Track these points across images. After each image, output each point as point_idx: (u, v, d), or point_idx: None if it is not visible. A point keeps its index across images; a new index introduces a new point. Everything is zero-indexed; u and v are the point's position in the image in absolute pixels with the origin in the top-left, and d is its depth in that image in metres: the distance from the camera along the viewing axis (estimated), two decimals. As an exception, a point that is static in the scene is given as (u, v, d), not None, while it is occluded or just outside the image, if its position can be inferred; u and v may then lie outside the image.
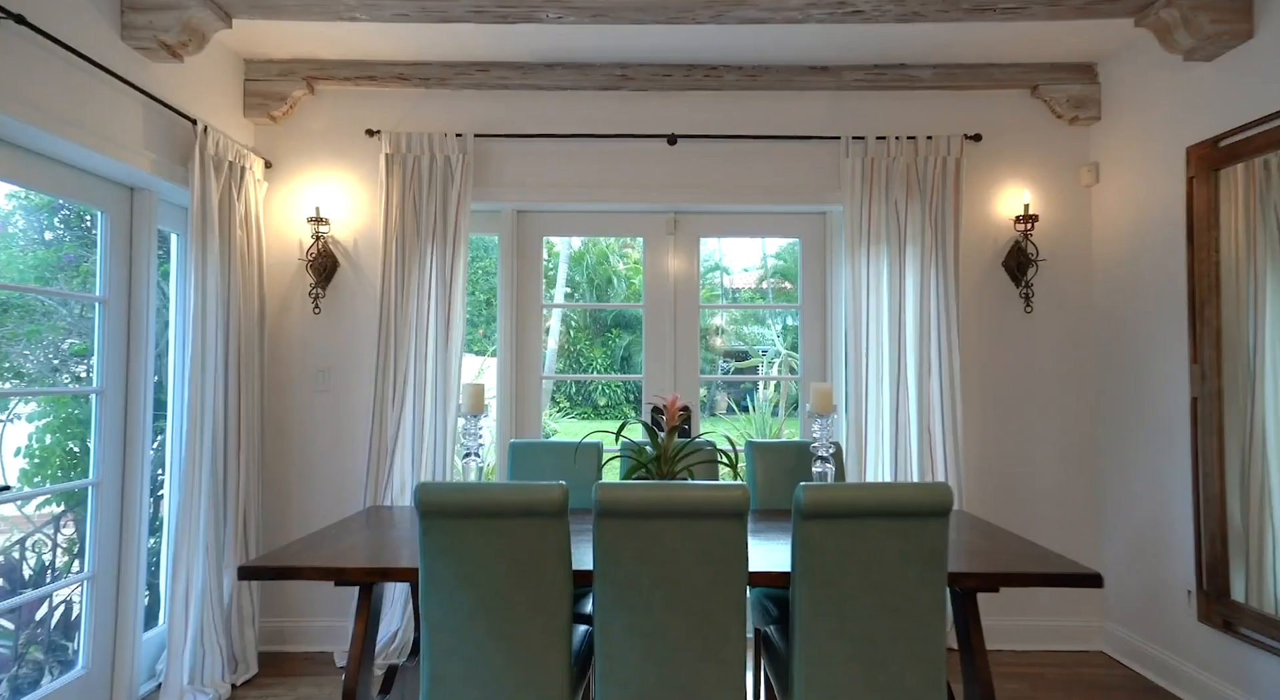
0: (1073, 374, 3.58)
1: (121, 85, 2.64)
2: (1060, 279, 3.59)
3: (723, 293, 10.01)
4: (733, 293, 10.17)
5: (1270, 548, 2.62)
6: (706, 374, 8.32)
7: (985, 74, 3.55)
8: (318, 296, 3.55)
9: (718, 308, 9.46)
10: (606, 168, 3.64)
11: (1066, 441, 3.57)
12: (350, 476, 3.54)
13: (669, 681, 1.89)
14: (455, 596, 1.91)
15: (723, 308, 9.94)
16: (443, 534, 1.90)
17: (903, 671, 1.89)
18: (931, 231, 3.48)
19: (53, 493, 2.76)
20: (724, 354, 10.32)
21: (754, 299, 9.94)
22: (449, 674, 1.92)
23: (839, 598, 1.88)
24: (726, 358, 10.32)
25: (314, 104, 3.61)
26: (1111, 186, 3.45)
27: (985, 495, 3.55)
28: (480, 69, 3.53)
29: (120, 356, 2.89)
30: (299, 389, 3.57)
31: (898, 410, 3.45)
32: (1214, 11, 2.69)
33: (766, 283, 10.04)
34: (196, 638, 2.93)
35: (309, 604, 3.50)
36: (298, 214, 3.56)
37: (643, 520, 1.87)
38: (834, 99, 3.64)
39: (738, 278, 10.36)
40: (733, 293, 10.17)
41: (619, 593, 1.89)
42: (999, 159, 3.62)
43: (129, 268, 2.94)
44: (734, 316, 9.92)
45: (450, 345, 3.46)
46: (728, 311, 9.94)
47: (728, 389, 10.24)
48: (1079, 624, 3.52)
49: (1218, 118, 2.81)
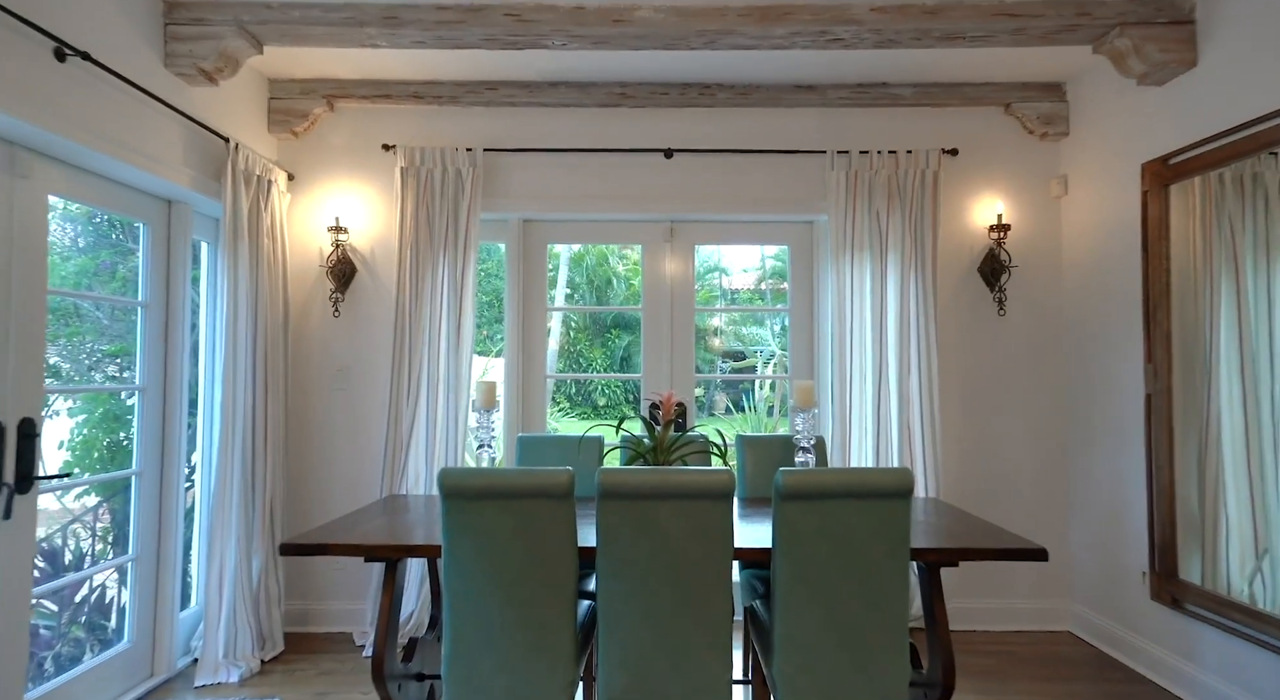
0: (1043, 373, 3.83)
1: (165, 108, 2.89)
2: (1031, 284, 3.84)
3: (721, 293, 10.23)
4: (732, 294, 10.38)
5: (1223, 534, 2.85)
6: (702, 374, 8.56)
7: (961, 92, 3.80)
8: (337, 301, 3.80)
9: (713, 310, 9.70)
10: (607, 179, 3.88)
11: (1037, 435, 3.82)
12: (366, 468, 3.78)
13: (663, 643, 2.14)
14: (474, 569, 2.16)
15: (717, 310, 10.18)
16: (463, 514, 2.15)
17: (870, 635, 2.14)
18: (911, 239, 3.73)
19: (104, 481, 3.00)
20: (723, 354, 10.56)
21: (753, 299, 10.17)
22: (469, 638, 2.17)
23: (814, 569, 2.13)
24: (725, 358, 10.55)
25: (333, 120, 3.85)
26: (1078, 198, 3.71)
27: (961, 486, 3.80)
28: (489, 88, 3.77)
29: (159, 357, 3.14)
30: (319, 387, 3.81)
31: (879, 407, 3.70)
32: (1162, 41, 2.94)
33: (765, 284, 10.26)
34: (230, 616, 3.18)
35: (329, 588, 3.75)
36: (319, 223, 3.81)
37: (640, 501, 2.12)
38: (820, 115, 3.89)
39: (737, 278, 10.59)
40: (732, 294, 10.38)
41: (619, 565, 2.14)
42: (974, 172, 3.87)
43: (167, 274, 3.19)
44: (733, 317, 10.16)
45: (461, 346, 3.71)
46: (727, 312, 10.17)
47: (726, 389, 10.47)
48: (1048, 606, 3.77)
49: (1168, 138, 3.06)
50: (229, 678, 3.08)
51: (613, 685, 2.17)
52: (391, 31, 3.04)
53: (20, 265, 2.41)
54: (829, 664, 2.15)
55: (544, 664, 2.17)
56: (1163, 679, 3.09)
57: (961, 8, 2.99)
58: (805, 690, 2.16)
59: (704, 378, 8.96)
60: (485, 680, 2.16)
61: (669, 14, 3.01)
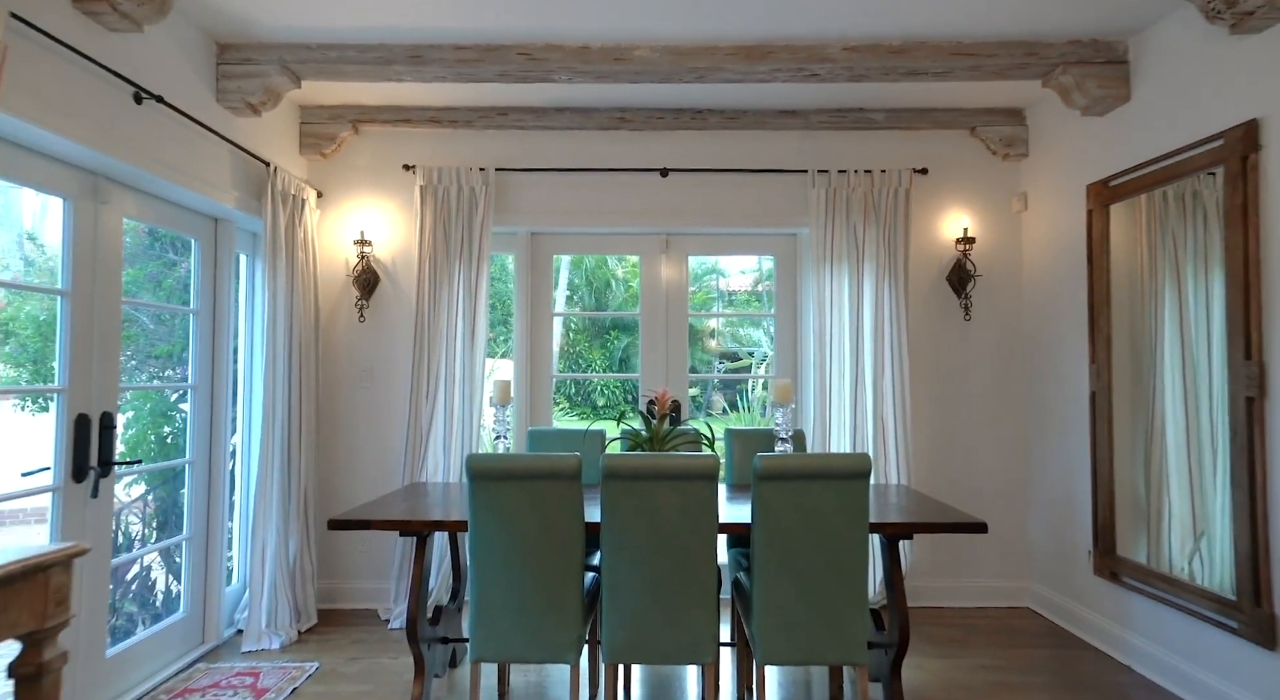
0: (1005, 372, 4.21)
1: (216, 138, 3.26)
2: (995, 292, 4.22)
3: (719, 295, 10.58)
4: (729, 295, 10.73)
5: (1166, 518, 3.19)
6: (697, 374, 8.92)
7: (931, 117, 4.17)
8: (362, 307, 4.17)
9: (705, 315, 10.07)
10: (608, 196, 4.26)
11: (1000, 429, 4.20)
12: (389, 459, 4.15)
13: (657, 603, 2.51)
14: (496, 540, 2.53)
15: (709, 315, 10.55)
16: (487, 492, 2.52)
17: (834, 596, 2.51)
18: (885, 251, 4.10)
19: (164, 468, 3.37)
20: (720, 355, 10.92)
21: (749, 301, 10.51)
22: (492, 599, 2.54)
23: (786, 540, 2.50)
24: (722, 359, 10.92)
25: (358, 143, 4.23)
26: (1037, 214, 4.08)
27: (932, 475, 4.18)
28: (500, 113, 4.14)
29: (208, 358, 3.51)
30: (346, 386, 4.18)
31: (856, 403, 4.07)
32: (1099, 78, 3.32)
33: (761, 286, 10.60)
34: (271, 591, 3.54)
35: (356, 569, 4.12)
36: (345, 236, 4.18)
37: (638, 482, 2.49)
38: (802, 137, 4.27)
39: (734, 280, 10.94)
40: (729, 295, 10.73)
41: (620, 537, 2.51)
42: (943, 189, 4.25)
43: (214, 284, 3.56)
44: (730, 319, 10.52)
45: (475, 348, 4.07)
46: (721, 315, 10.53)
47: (724, 389, 10.84)
48: (1010, 585, 4.14)
49: (1108, 162, 3.44)
50: (271, 645, 3.45)
51: (615, 640, 2.54)
52: (416, 68, 3.41)
53: (101, 279, 2.78)
54: (799, 621, 2.52)
55: (555, 621, 2.54)
56: (1103, 644, 3.47)
57: (924, 48, 3.36)
58: (779, 645, 2.53)
59: (698, 377, 9.31)
60: (505, 635, 2.53)
61: (664, 53, 3.38)
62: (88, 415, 2.69)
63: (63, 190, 2.62)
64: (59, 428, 2.61)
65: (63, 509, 2.58)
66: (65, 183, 2.63)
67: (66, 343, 2.64)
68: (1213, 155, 2.81)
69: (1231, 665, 2.75)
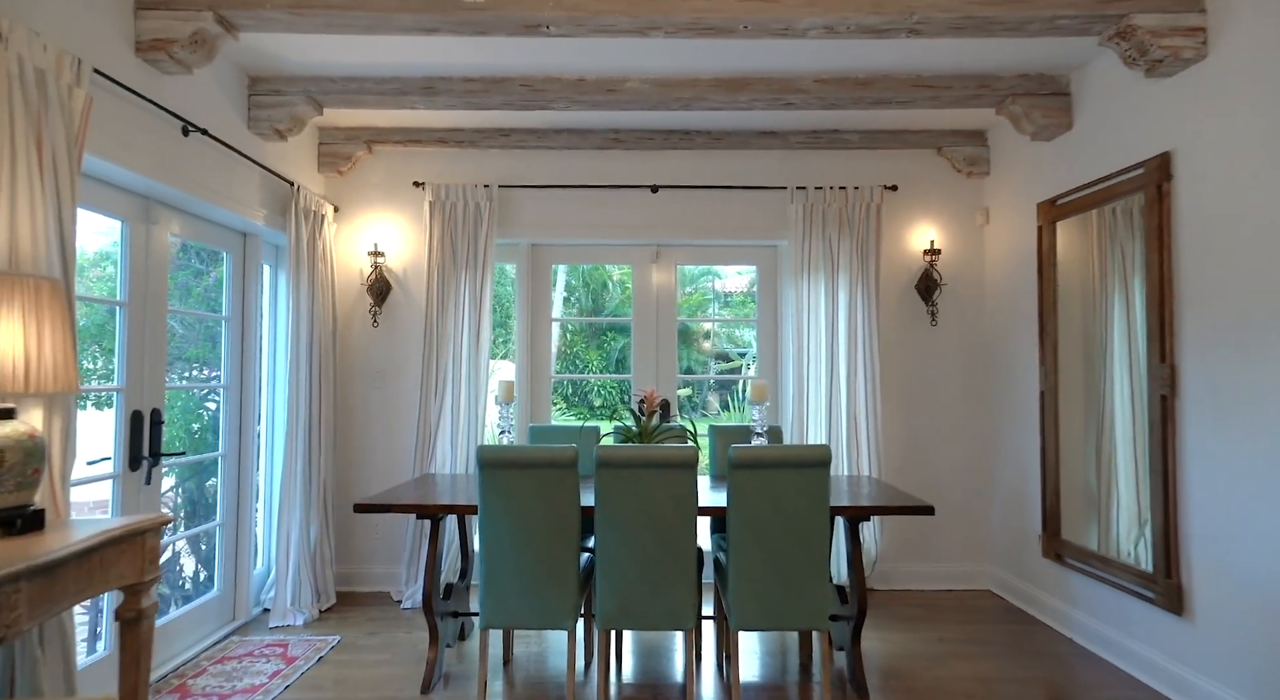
0: (968, 374, 4.57)
1: (248, 162, 3.60)
2: (959, 299, 4.58)
3: (714, 296, 10.91)
4: (725, 296, 11.05)
5: (1115, 507, 3.53)
6: (693, 374, 9.26)
7: (900, 138, 4.53)
8: (375, 313, 4.52)
9: (694, 320, 10.42)
10: (603, 210, 4.61)
11: (964, 426, 4.56)
12: (399, 454, 4.50)
13: (644, 576, 2.86)
14: (503, 522, 2.88)
15: (698, 320, 10.91)
16: (495, 479, 2.87)
17: (799, 569, 2.86)
18: (858, 261, 4.46)
19: (202, 460, 3.71)
20: (715, 356, 11.27)
21: (745, 301, 10.82)
22: (499, 573, 2.89)
23: (757, 521, 2.85)
24: (717, 359, 11.27)
25: (372, 161, 4.58)
26: (997, 227, 4.45)
27: (902, 468, 4.54)
28: (503, 134, 4.49)
29: (237, 360, 3.86)
30: (360, 386, 4.53)
31: (831, 402, 4.42)
32: (1044, 109, 3.69)
33: (756, 287, 10.93)
34: (295, 573, 3.89)
35: (370, 555, 4.47)
36: (360, 248, 4.53)
37: (628, 469, 2.84)
38: (781, 156, 4.62)
39: (730, 281, 11.27)
40: (725, 296, 11.05)
41: (612, 518, 2.86)
42: (911, 204, 4.61)
43: (243, 293, 3.90)
44: (733, 316, 10.87)
45: (480, 351, 4.42)
46: (721, 314, 10.88)
47: (719, 390, 11.19)
48: (971, 568, 4.51)
49: (1054, 183, 3.80)
50: (296, 621, 3.80)
51: (607, 608, 2.89)
52: (429, 98, 3.77)
53: (152, 291, 3.13)
54: (769, 592, 2.87)
55: (555, 592, 2.89)
56: (1049, 619, 3.83)
57: (888, 80, 3.72)
58: (751, 612, 2.89)
59: (686, 378, 9.65)
60: (512, 603, 2.89)
61: (652, 85, 3.74)
62: (141, 412, 3.04)
63: (120, 213, 2.97)
64: (118, 423, 2.96)
65: (121, 494, 2.93)
66: (122, 206, 2.98)
67: (124, 347, 2.99)
68: (1136, 182, 3.18)
69: (1150, 631, 3.11)
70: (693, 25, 2.96)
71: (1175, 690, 2.95)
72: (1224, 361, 2.75)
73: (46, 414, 2.14)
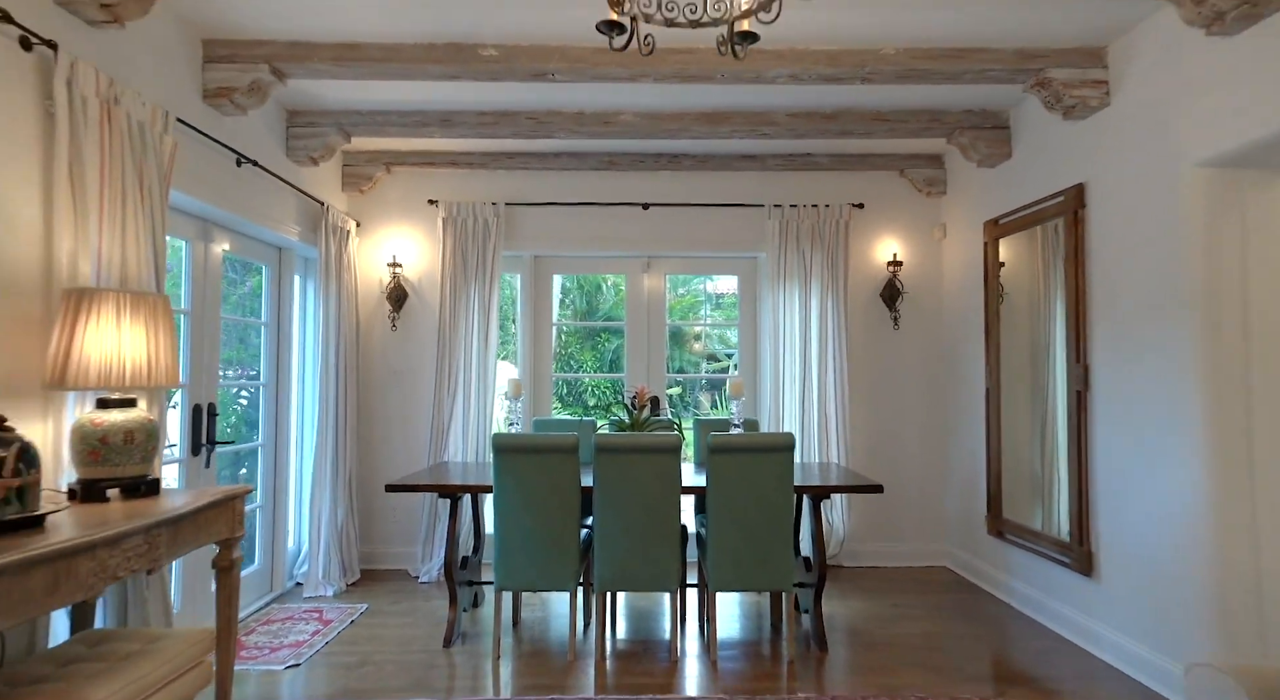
0: (927, 372, 5.09)
1: (286, 186, 4.09)
2: (919, 306, 5.10)
3: (706, 297, 11.36)
4: (716, 297, 11.51)
5: (1057, 489, 4.02)
6: (684, 374, 9.76)
7: (867, 161, 5.05)
8: (394, 319, 5.01)
9: (685, 323, 10.93)
10: (599, 225, 5.11)
11: (922, 419, 5.07)
12: (414, 445, 4.98)
13: (635, 546, 3.36)
14: (515, 499, 3.37)
15: (690, 323, 11.42)
16: (508, 463, 3.36)
17: (767, 539, 3.36)
18: (829, 272, 4.97)
19: (247, 448, 4.18)
20: (705, 356, 11.76)
21: (736, 302, 11.29)
22: (511, 543, 3.38)
23: (732, 498, 3.35)
24: (708, 360, 11.75)
25: (391, 181, 5.06)
26: (953, 242, 4.96)
27: (868, 458, 5.05)
28: (509, 157, 4.99)
29: (273, 360, 4.34)
30: (380, 385, 5.01)
31: (804, 398, 4.93)
32: (987, 140, 4.21)
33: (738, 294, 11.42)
34: (325, 550, 4.37)
35: (389, 536, 4.95)
36: (380, 260, 5.01)
37: (621, 454, 3.34)
38: (760, 177, 5.13)
39: (721, 283, 11.76)
40: (716, 297, 11.51)
41: (608, 497, 3.36)
42: (877, 220, 5.13)
43: (278, 301, 4.39)
44: (716, 321, 11.37)
45: (487, 353, 4.91)
46: (711, 317, 11.38)
47: (711, 389, 11.67)
48: (930, 547, 5.02)
49: (998, 205, 4.32)
50: (327, 592, 4.29)
51: (604, 573, 3.39)
52: (446, 129, 4.26)
53: (208, 300, 3.61)
54: (741, 558, 3.37)
55: (559, 559, 3.38)
56: (992, 588, 4.35)
57: (850, 114, 4.23)
58: (728, 576, 3.38)
59: (679, 378, 10.15)
60: (522, 569, 3.38)
61: (644, 118, 4.24)
62: (200, 405, 3.52)
63: (185, 234, 3.45)
64: (183, 415, 3.44)
65: (187, 476, 3.41)
66: (187, 229, 3.46)
67: (188, 350, 3.47)
68: (1059, 208, 3.69)
69: (1068, 592, 3.63)
70: (677, 74, 3.46)
71: (1086, 640, 3.47)
72: (1122, 363, 3.27)
73: (147, 405, 2.63)
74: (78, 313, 2.19)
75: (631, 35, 1.92)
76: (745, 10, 1.90)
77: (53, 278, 2.37)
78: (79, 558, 1.74)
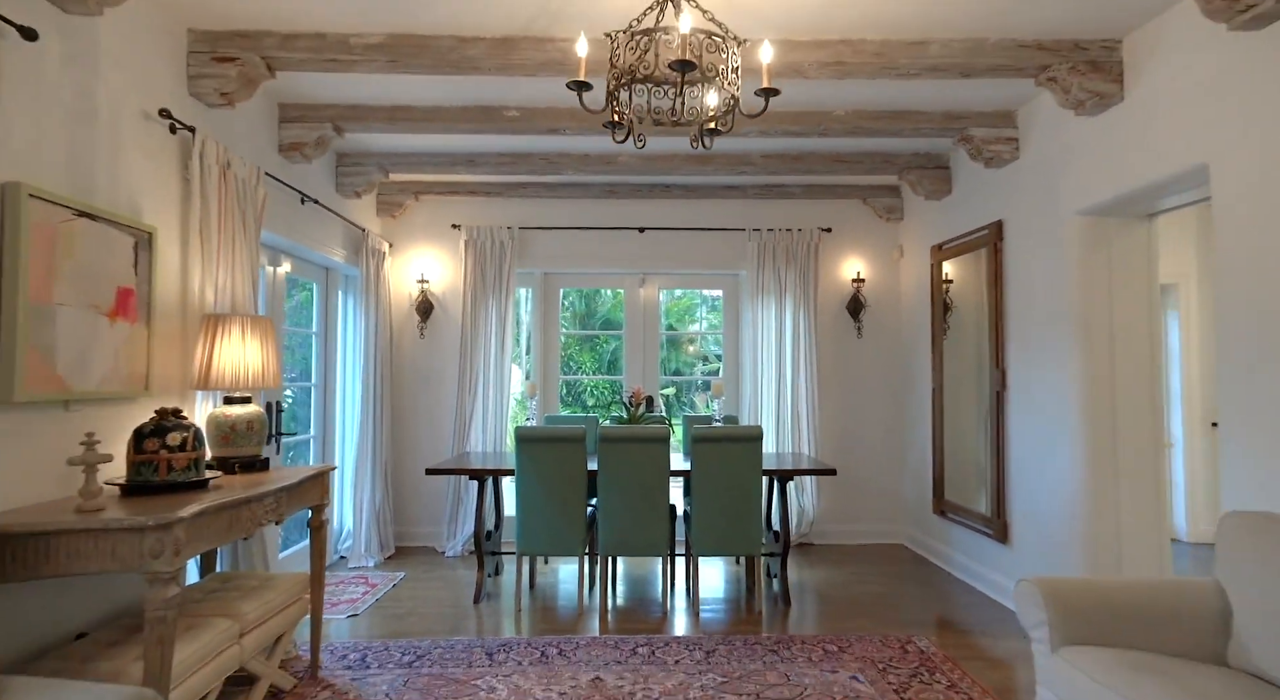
0: (885, 375, 5.83)
1: (336, 217, 4.82)
2: (879, 317, 5.85)
3: (702, 301, 12.11)
4: (711, 300, 12.26)
5: (987, 474, 4.75)
6: (680, 376, 10.48)
7: (834, 191, 5.79)
8: (421, 329, 5.74)
9: (681, 325, 11.67)
10: (601, 246, 5.84)
11: (882, 415, 5.82)
12: (439, 439, 5.71)
13: (632, 518, 4.09)
14: (533, 480, 4.10)
15: (676, 333, 12.16)
16: (527, 450, 4.09)
17: (740, 513, 4.09)
18: (801, 287, 5.71)
19: (304, 439, 4.91)
20: (700, 358, 12.47)
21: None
22: (530, 516, 4.11)
23: (711, 479, 4.08)
24: (703, 360, 12.47)
25: (419, 207, 5.80)
26: (908, 262, 5.71)
27: (836, 450, 5.79)
28: (523, 187, 5.72)
29: (322, 365, 5.07)
30: (410, 386, 5.74)
31: (780, 396, 5.67)
32: (931, 179, 4.96)
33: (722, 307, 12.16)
34: (367, 528, 5.10)
35: (417, 517, 5.68)
36: (409, 277, 5.75)
37: (621, 443, 4.07)
38: (742, 205, 5.87)
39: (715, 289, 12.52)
40: (711, 300, 12.26)
41: (610, 479, 4.09)
42: (843, 242, 5.87)
43: (326, 314, 5.12)
44: (712, 324, 12.10)
45: (504, 359, 5.64)
46: (706, 320, 12.12)
47: (704, 390, 12.38)
48: (888, 527, 5.77)
49: (941, 233, 5.07)
50: (368, 563, 5.02)
51: (606, 541, 4.12)
52: (471, 168, 5.00)
53: (275, 314, 4.35)
54: (719, 530, 4.11)
55: (568, 529, 4.12)
56: (936, 559, 5.10)
57: (815, 156, 4.98)
58: (708, 544, 4.12)
59: (675, 379, 10.87)
60: (539, 538, 4.11)
61: (640, 159, 4.98)
62: (271, 403, 4.25)
63: (262, 262, 4.19)
64: (260, 410, 4.16)
65: (263, 461, 4.14)
66: (263, 256, 4.19)
67: (263, 357, 4.19)
68: (984, 239, 4.44)
69: (990, 557, 4.38)
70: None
71: (1002, 595, 4.22)
72: (1029, 369, 4.02)
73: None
74: (215, 332, 2.92)
75: (629, 132, 2.66)
76: (710, 117, 2.64)
77: (186, 303, 3.11)
78: (241, 508, 2.48)
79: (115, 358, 2.65)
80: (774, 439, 5.64)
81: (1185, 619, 2.21)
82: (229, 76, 3.18)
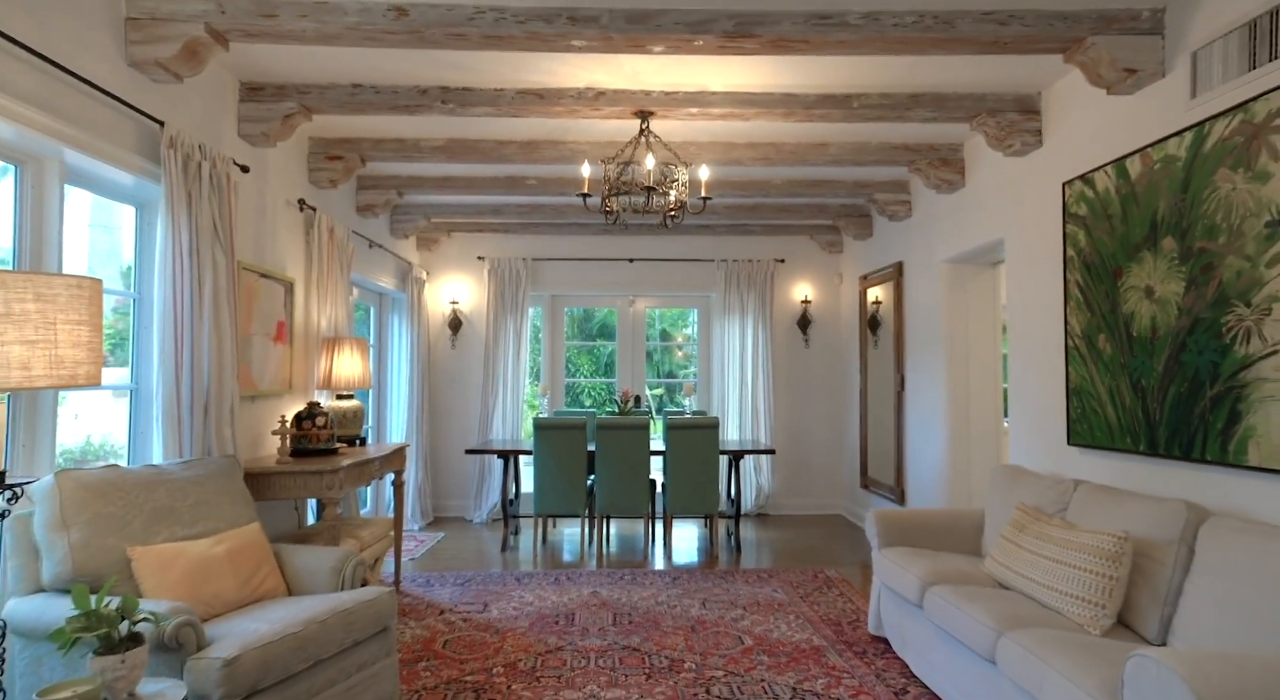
0: (828, 378, 7.19)
1: (389, 254, 6.16)
2: (823, 331, 7.21)
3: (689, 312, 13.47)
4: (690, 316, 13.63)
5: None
6: (672, 378, 11.84)
7: (786, 229, 7.15)
8: (452, 341, 7.08)
9: (654, 344, 13.02)
10: (598, 274, 7.19)
11: (825, 410, 7.18)
12: (465, 432, 7.04)
13: (621, 487, 5.44)
14: (547, 458, 5.44)
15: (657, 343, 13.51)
16: (543, 435, 5.43)
17: (702, 483, 5.44)
18: (759, 307, 7.07)
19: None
20: (689, 360, 13.78)
21: (711, 318, 13.33)
22: (545, 485, 5.45)
23: (681, 457, 5.42)
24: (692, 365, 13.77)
25: (450, 242, 7.15)
26: (845, 287, 7.07)
27: (786, 439, 7.14)
28: (536, 226, 7.06)
29: (377, 371, 6.41)
30: (443, 388, 7.09)
31: (742, 396, 7.02)
32: (857, 224, 6.33)
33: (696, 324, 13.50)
34: (412, 499, 6.44)
35: (449, 490, 7.02)
36: (443, 299, 7.10)
37: (613, 430, 5.42)
38: (713, 239, 7.23)
39: (705, 295, 13.85)
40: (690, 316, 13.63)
41: (605, 457, 5.43)
42: (794, 270, 7.23)
43: (380, 331, 6.46)
44: (689, 336, 13.45)
45: (520, 367, 6.98)
46: (694, 328, 13.47)
47: (691, 390, 13.67)
48: (830, 501, 7.13)
49: (866, 266, 6.43)
50: (414, 527, 6.36)
51: (601, 504, 5.47)
52: (496, 216, 6.35)
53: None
54: (686, 497, 5.45)
55: (573, 495, 5.46)
56: (861, 523, 6.45)
57: (764, 208, 6.33)
58: (678, 507, 5.46)
59: (665, 381, 12.24)
60: (552, 501, 5.45)
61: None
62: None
63: (341, 293, 5.53)
64: (340, 405, 5.50)
65: (343, 443, 5.48)
66: (341, 289, 5.54)
67: (342, 365, 5.54)
68: (891, 274, 5.80)
69: (895, 519, 5.74)
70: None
71: (901, 546, 5.57)
72: (918, 375, 5.38)
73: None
74: (333, 350, 4.27)
75: (617, 218, 4.01)
76: (672, 206, 4.00)
77: (309, 328, 4.45)
78: (364, 466, 3.82)
79: (276, 368, 4.00)
80: (737, 429, 6.99)
81: (958, 531, 3.57)
82: (336, 169, 4.54)
